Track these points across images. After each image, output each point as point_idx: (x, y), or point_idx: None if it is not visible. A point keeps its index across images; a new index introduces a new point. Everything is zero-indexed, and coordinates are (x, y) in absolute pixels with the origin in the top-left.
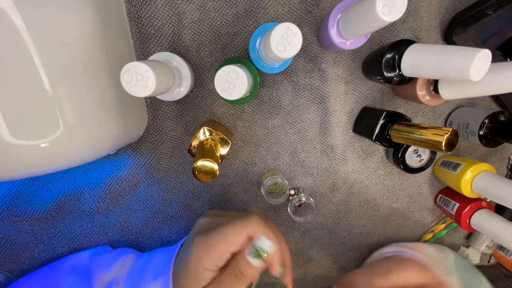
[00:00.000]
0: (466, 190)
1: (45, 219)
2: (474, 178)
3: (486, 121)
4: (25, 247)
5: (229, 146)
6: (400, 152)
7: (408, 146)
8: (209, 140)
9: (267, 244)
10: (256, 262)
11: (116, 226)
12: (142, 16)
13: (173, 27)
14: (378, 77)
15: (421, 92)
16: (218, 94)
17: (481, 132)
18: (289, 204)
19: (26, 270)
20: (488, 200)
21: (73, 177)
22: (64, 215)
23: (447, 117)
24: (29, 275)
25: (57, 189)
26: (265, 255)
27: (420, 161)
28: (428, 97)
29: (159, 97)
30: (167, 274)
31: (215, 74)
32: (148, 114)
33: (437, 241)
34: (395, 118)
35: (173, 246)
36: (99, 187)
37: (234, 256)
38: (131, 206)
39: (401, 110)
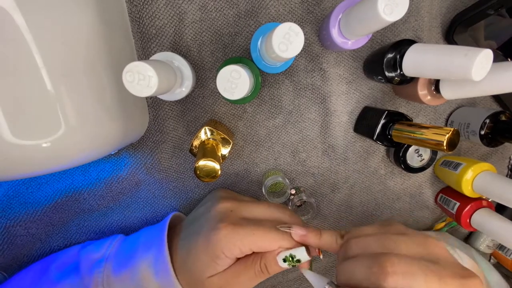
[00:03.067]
0: (466, 189)
1: (41, 220)
2: (474, 178)
3: (487, 121)
4: (23, 247)
5: (231, 146)
6: (401, 152)
7: (409, 146)
8: (211, 140)
9: (304, 256)
10: (285, 266)
11: (113, 225)
12: (144, 16)
13: (174, 27)
14: (379, 77)
15: (422, 92)
16: (220, 94)
17: (482, 132)
18: (290, 204)
19: (24, 267)
20: (488, 199)
21: (71, 177)
22: (61, 214)
23: (448, 117)
24: (20, 273)
25: (53, 190)
26: (298, 264)
27: (421, 161)
28: (429, 97)
29: (160, 97)
30: (159, 246)
31: (216, 73)
32: (149, 114)
33: None
34: (396, 117)
35: (160, 222)
36: (99, 187)
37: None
38: (130, 205)
39: (402, 110)
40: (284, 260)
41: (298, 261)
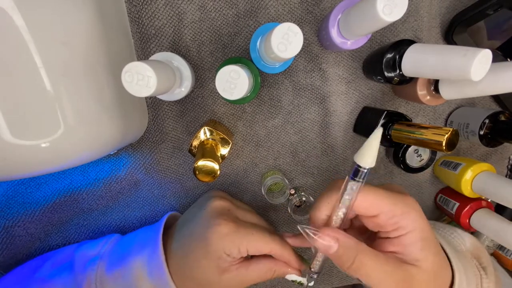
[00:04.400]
0: (466, 189)
1: (40, 220)
2: (474, 178)
3: (487, 121)
4: (22, 246)
5: (230, 146)
6: (401, 152)
7: (408, 146)
8: (210, 140)
9: (311, 284)
10: (290, 279)
11: (112, 225)
12: (143, 16)
13: (173, 27)
14: (378, 77)
15: (422, 92)
16: (219, 94)
17: (482, 132)
18: (289, 204)
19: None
20: (488, 199)
21: (70, 177)
22: (60, 214)
23: (448, 117)
24: (15, 269)
25: (52, 190)
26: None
27: (420, 161)
28: (428, 97)
29: (159, 97)
30: (154, 246)
31: (216, 74)
32: (148, 114)
33: None
34: (396, 118)
35: (157, 223)
36: (98, 187)
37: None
38: (129, 205)
39: (401, 110)
40: (294, 282)
41: (302, 284)
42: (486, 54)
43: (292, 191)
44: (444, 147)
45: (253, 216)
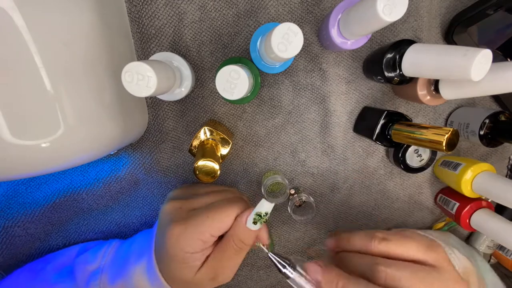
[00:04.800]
0: (466, 189)
1: (40, 220)
2: (474, 178)
3: (487, 121)
4: (22, 246)
5: (230, 146)
6: (401, 152)
7: (408, 146)
8: (210, 140)
9: (268, 205)
10: (258, 227)
11: (113, 224)
12: (143, 16)
13: (173, 27)
14: (378, 77)
15: (422, 92)
16: (219, 94)
17: (482, 132)
18: (289, 204)
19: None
20: (488, 199)
21: (70, 178)
22: (60, 214)
23: (448, 117)
24: (16, 271)
25: (52, 190)
26: (267, 217)
27: (420, 161)
28: (428, 97)
29: (159, 97)
30: (150, 253)
31: (216, 74)
32: (148, 114)
33: None
34: (396, 118)
35: (152, 227)
36: (98, 186)
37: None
38: (129, 204)
39: (401, 110)
40: (255, 222)
41: (266, 214)
42: (486, 54)
43: (292, 191)
44: (444, 147)
45: (211, 196)
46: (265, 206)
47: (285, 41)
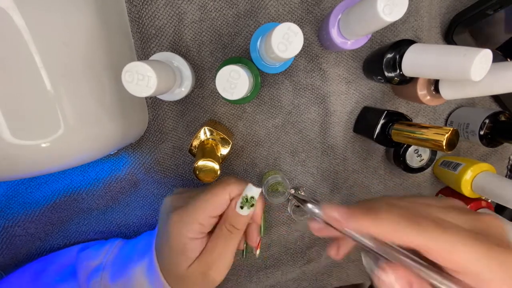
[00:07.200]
0: (466, 190)
1: (40, 220)
2: (474, 178)
3: (487, 121)
4: (22, 246)
5: (230, 146)
6: (401, 152)
7: (408, 146)
8: (210, 140)
9: (255, 190)
10: (247, 211)
11: (113, 224)
12: (143, 16)
13: (174, 27)
14: (378, 77)
15: (422, 92)
16: (219, 94)
17: (482, 132)
18: (289, 204)
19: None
20: (488, 200)
21: (70, 178)
22: (60, 214)
23: (448, 117)
24: (18, 271)
25: (52, 190)
26: (255, 201)
27: (420, 161)
28: (428, 97)
29: (160, 97)
30: (151, 253)
31: (216, 74)
32: (148, 114)
33: None
34: (396, 117)
35: (155, 229)
36: (98, 187)
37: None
38: (130, 204)
39: (401, 110)
40: (242, 207)
41: (253, 198)
42: (486, 54)
43: (293, 191)
44: (444, 147)
45: (206, 188)
46: (251, 190)
47: (285, 41)
